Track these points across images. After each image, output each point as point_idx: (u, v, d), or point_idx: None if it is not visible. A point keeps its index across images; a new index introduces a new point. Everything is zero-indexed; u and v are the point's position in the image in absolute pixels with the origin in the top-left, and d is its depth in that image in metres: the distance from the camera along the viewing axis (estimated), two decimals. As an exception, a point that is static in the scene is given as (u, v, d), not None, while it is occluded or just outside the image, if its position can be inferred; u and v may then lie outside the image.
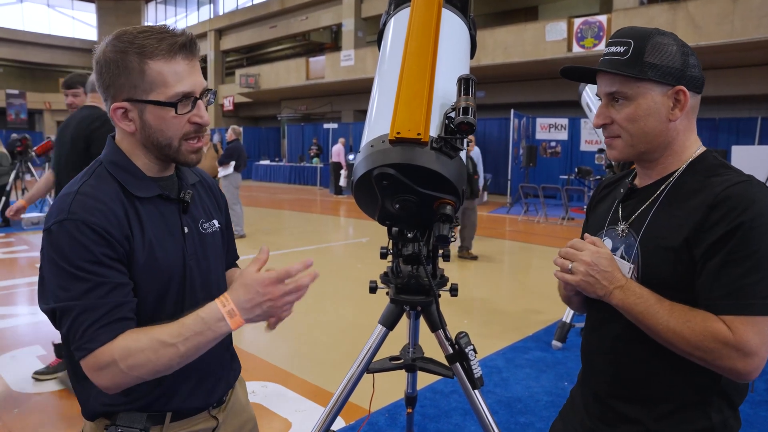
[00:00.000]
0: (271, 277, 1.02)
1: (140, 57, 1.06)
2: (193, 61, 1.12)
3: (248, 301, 1.02)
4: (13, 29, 32.11)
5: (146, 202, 1.13)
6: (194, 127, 1.13)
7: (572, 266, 1.14)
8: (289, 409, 3.11)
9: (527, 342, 4.24)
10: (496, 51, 15.41)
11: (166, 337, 1.00)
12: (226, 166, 8.29)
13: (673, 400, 1.14)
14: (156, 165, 1.17)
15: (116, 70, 1.07)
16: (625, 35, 1.15)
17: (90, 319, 1.00)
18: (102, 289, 1.01)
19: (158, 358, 1.00)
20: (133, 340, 1.00)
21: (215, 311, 1.02)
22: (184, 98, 1.09)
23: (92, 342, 1.00)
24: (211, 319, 1.01)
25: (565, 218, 11.01)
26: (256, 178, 22.71)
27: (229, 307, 1.01)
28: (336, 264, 7.22)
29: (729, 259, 1.01)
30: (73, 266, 1.00)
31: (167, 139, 1.11)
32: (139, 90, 1.07)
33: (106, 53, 1.08)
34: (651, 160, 1.19)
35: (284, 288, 1.04)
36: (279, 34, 25.62)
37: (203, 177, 1.35)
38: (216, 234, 1.29)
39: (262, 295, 1.02)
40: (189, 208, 1.21)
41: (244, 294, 1.02)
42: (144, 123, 1.10)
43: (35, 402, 3.14)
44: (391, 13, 1.72)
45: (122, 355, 0.99)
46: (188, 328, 1.01)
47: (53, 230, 1.03)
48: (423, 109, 1.34)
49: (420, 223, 1.52)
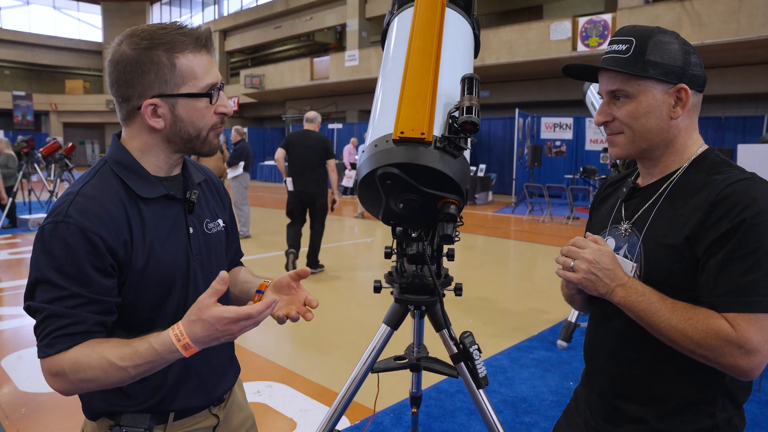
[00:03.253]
0: (230, 317, 0.96)
1: (169, 52, 1.07)
2: (212, 54, 1.15)
3: (206, 336, 0.98)
4: (20, 31, 32.32)
5: (151, 203, 1.13)
6: (220, 117, 1.16)
7: (574, 264, 1.14)
8: (295, 409, 3.11)
9: (532, 341, 4.23)
10: (500, 50, 15.39)
11: (117, 360, 0.99)
12: (235, 167, 8.31)
13: (677, 398, 1.14)
14: (168, 163, 1.17)
15: (142, 67, 1.06)
16: (627, 33, 1.15)
17: (54, 325, 1.01)
18: (74, 300, 1.02)
19: (107, 377, 1.01)
20: (84, 355, 1.00)
21: (169, 344, 0.98)
22: (212, 89, 1.12)
23: (50, 348, 1.01)
24: (164, 351, 0.99)
25: (570, 218, 10.98)
26: (261, 178, 22.74)
27: (185, 341, 0.98)
28: (341, 264, 7.22)
29: (731, 257, 1.01)
30: (55, 270, 1.01)
31: (198, 130, 1.13)
32: (171, 84, 1.08)
33: (125, 52, 1.06)
34: (653, 158, 1.19)
35: (243, 324, 0.98)
36: (283, 34, 25.68)
37: (209, 175, 1.34)
38: (221, 234, 1.29)
39: (221, 332, 0.98)
40: (194, 208, 1.21)
41: (201, 330, 0.97)
42: (175, 117, 1.10)
43: (42, 401, 3.15)
44: (395, 13, 1.72)
45: (71, 368, 1.00)
46: (140, 356, 0.99)
47: (46, 230, 1.03)
48: (426, 109, 1.34)
49: (424, 223, 1.52)
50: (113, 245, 1.04)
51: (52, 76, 34.78)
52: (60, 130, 31.83)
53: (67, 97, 32.72)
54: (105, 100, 31.86)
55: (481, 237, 9.27)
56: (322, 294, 5.81)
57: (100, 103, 32.02)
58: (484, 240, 9.05)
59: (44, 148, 10.53)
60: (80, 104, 32.37)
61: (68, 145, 11.21)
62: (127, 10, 34.58)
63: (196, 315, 0.98)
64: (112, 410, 1.15)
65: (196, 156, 1.24)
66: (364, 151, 1.45)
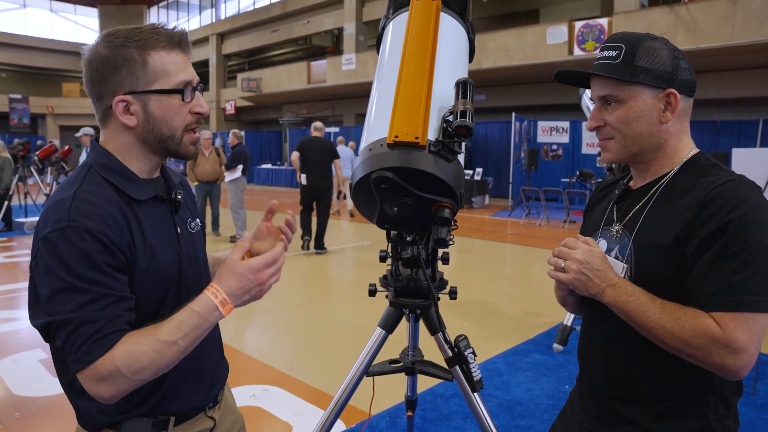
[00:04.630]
0: (259, 264, 1.06)
1: (141, 49, 1.07)
2: (188, 56, 1.15)
3: (240, 289, 1.05)
4: (16, 34, 32.25)
5: (142, 205, 1.13)
6: (195, 117, 1.15)
7: (565, 265, 1.16)
8: (290, 413, 3.11)
9: (528, 345, 4.23)
10: (497, 54, 15.43)
11: (166, 336, 1.00)
12: (233, 170, 8.31)
13: (669, 399, 1.14)
14: (148, 165, 1.17)
15: (114, 64, 1.06)
16: (617, 40, 1.17)
17: (89, 331, 0.97)
18: (102, 302, 0.99)
19: (162, 358, 1.01)
20: (134, 344, 0.99)
21: (208, 303, 1.03)
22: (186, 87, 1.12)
23: (90, 354, 0.97)
24: (205, 311, 1.03)
25: (567, 221, 11.00)
26: (258, 181, 22.73)
27: (221, 297, 1.04)
28: (337, 267, 7.22)
29: (719, 256, 1.02)
30: (74, 276, 0.97)
31: (171, 130, 1.12)
32: (142, 81, 1.08)
33: (100, 51, 1.07)
34: (644, 161, 1.21)
35: (271, 271, 1.08)
36: (281, 38, 25.69)
37: (180, 177, 1.36)
38: (200, 232, 1.32)
39: (253, 282, 1.06)
40: (179, 208, 1.22)
41: (235, 283, 1.05)
42: (148, 115, 1.10)
43: (37, 406, 3.14)
44: (390, 17, 1.73)
45: (125, 361, 0.98)
46: (186, 324, 1.02)
47: (51, 238, 0.99)
48: (421, 113, 1.34)
49: (419, 226, 1.52)
50: (121, 245, 1.04)
51: (48, 79, 34.72)
52: (57, 133, 31.74)
53: (64, 100, 32.64)
54: (102, 103, 31.75)
55: (477, 240, 9.28)
56: (319, 297, 5.81)
57: (96, 107, 31.89)
58: (480, 243, 9.06)
59: (40, 151, 10.51)
60: (77, 107, 32.26)
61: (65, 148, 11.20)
62: (124, 14, 34.57)
63: (228, 271, 1.05)
64: (114, 420, 1.13)
65: (192, 162, 1.25)
66: (358, 155, 1.46)
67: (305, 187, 7.43)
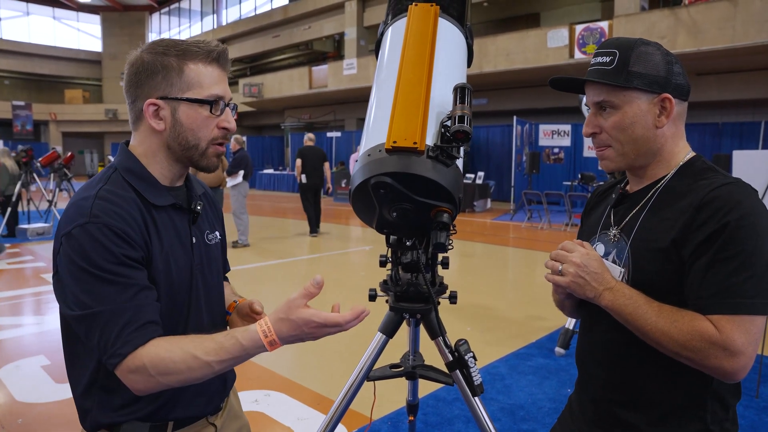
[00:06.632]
0: (319, 322, 1.01)
1: (179, 58, 1.11)
2: (225, 71, 1.18)
3: (292, 336, 1.02)
4: (19, 41, 32.45)
5: (161, 211, 1.15)
6: (222, 132, 1.17)
7: (562, 268, 1.16)
8: (292, 418, 3.11)
9: (530, 349, 4.23)
10: (498, 58, 15.46)
11: (201, 354, 1.00)
12: (235, 175, 8.33)
13: (667, 403, 1.14)
14: (171, 172, 1.19)
15: (152, 69, 1.10)
16: (611, 45, 1.18)
17: (119, 323, 1.00)
18: (128, 292, 1.02)
19: (191, 372, 1.01)
20: (165, 350, 1.01)
21: (257, 340, 1.01)
22: (217, 101, 1.14)
23: (125, 346, 1.00)
24: (251, 346, 1.01)
25: (569, 225, 10.99)
26: (260, 187, 22.77)
27: (272, 338, 1.01)
28: (338, 272, 7.22)
29: (716, 259, 1.02)
30: (97, 268, 1.00)
31: (196, 140, 1.14)
32: (176, 88, 1.11)
33: (143, 56, 1.12)
34: (641, 166, 1.21)
35: (329, 331, 1.03)
36: (282, 43, 25.79)
37: (206, 189, 1.37)
38: (218, 245, 1.33)
39: (306, 334, 1.02)
40: (198, 219, 1.23)
41: (288, 329, 1.01)
42: (175, 121, 1.13)
43: (39, 412, 3.15)
44: (389, 23, 1.74)
45: (152, 364, 0.99)
46: (226, 351, 1.01)
47: (74, 234, 1.02)
48: (419, 118, 1.35)
49: (418, 231, 1.53)
50: (140, 243, 1.07)
51: (51, 86, 34.88)
52: (59, 139, 31.87)
53: (67, 106, 32.80)
54: (104, 109, 31.95)
55: (479, 244, 9.28)
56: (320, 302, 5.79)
57: (99, 113, 32.08)
58: (482, 247, 9.06)
59: (43, 157, 10.56)
60: (79, 114, 32.43)
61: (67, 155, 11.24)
62: (126, 20, 34.72)
63: (285, 314, 1.01)
64: (112, 421, 1.14)
65: (195, 171, 1.26)
66: (357, 160, 1.47)
67: (305, 184, 9.60)
